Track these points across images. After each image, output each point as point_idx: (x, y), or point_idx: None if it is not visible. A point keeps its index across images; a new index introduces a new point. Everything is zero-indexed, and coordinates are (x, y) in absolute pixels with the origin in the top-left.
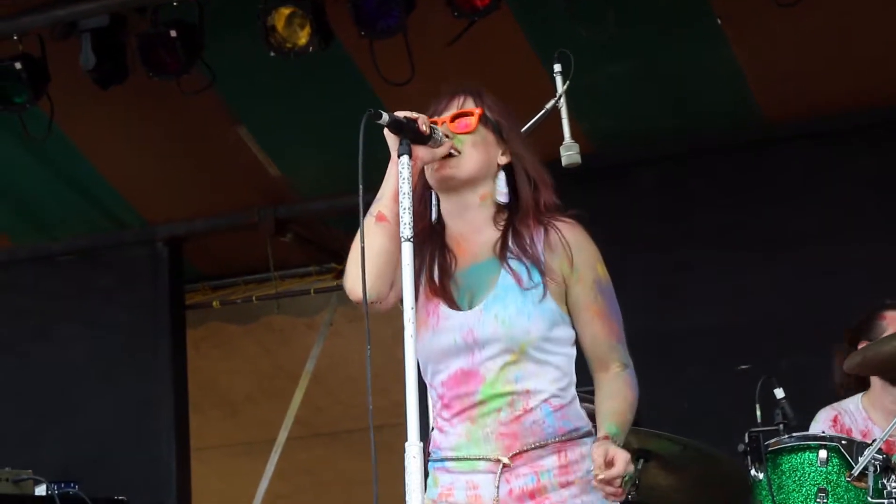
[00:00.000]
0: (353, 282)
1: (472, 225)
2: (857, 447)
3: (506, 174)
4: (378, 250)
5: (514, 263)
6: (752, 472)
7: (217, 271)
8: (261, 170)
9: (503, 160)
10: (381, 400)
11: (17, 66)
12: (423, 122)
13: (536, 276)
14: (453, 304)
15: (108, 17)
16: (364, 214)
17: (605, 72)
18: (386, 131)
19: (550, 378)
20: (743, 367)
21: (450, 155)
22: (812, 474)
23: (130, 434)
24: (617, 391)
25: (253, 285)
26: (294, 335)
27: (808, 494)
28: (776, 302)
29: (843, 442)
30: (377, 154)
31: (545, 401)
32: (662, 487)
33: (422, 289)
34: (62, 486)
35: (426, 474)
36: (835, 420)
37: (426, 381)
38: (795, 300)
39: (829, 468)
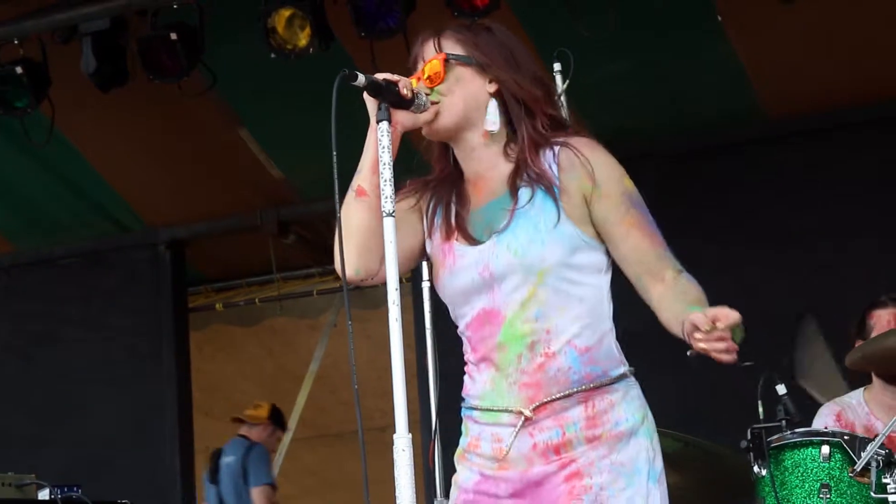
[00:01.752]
0: (338, 261)
1: (485, 163)
2: (859, 443)
3: (501, 101)
4: (358, 225)
5: (524, 191)
6: (755, 468)
7: (220, 274)
8: (262, 172)
9: (492, 88)
10: (385, 403)
11: (18, 70)
12: (404, 86)
13: (548, 201)
14: (471, 240)
15: (108, 20)
16: (338, 185)
17: (605, 70)
18: (365, 94)
19: (574, 314)
20: (747, 363)
21: None
22: (815, 470)
23: (134, 437)
24: (685, 289)
25: (255, 287)
26: (297, 337)
27: (811, 490)
28: (778, 298)
29: (846, 437)
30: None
31: (569, 342)
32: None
33: (438, 232)
34: (65, 490)
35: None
36: (838, 416)
37: (458, 329)
38: (797, 297)
39: (832, 464)
